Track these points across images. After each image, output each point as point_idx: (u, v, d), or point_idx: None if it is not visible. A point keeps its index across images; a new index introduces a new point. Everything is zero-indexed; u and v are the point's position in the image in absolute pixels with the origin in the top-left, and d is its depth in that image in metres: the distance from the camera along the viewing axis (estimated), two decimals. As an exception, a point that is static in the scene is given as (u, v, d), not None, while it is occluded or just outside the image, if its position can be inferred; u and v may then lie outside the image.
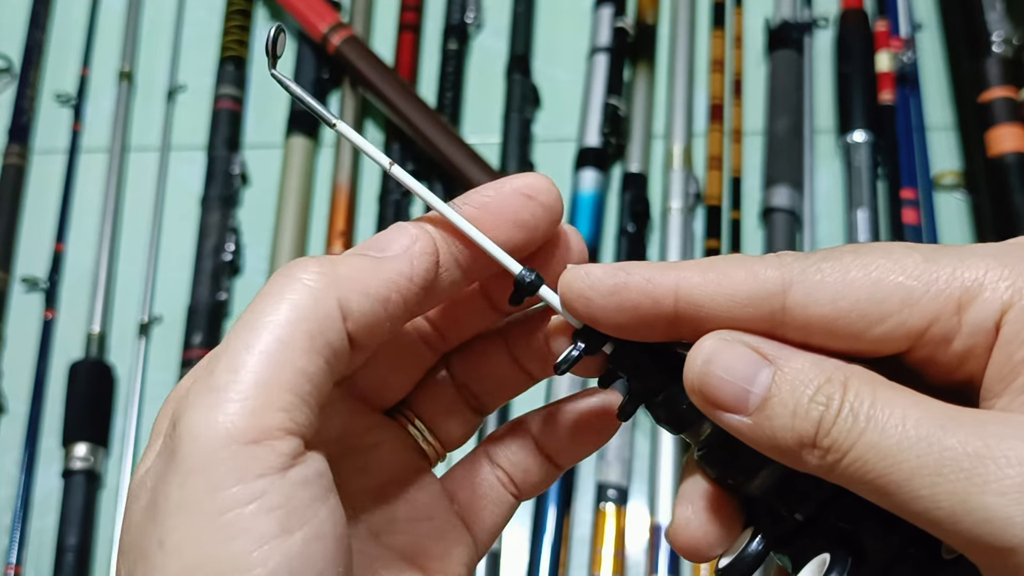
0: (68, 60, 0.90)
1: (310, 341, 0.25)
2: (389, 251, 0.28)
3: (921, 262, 0.25)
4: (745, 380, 0.25)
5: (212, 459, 0.24)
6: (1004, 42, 0.81)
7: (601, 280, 0.27)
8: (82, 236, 0.83)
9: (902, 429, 0.23)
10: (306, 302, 0.25)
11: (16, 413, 0.78)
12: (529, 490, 0.33)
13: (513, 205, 0.29)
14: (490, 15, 0.90)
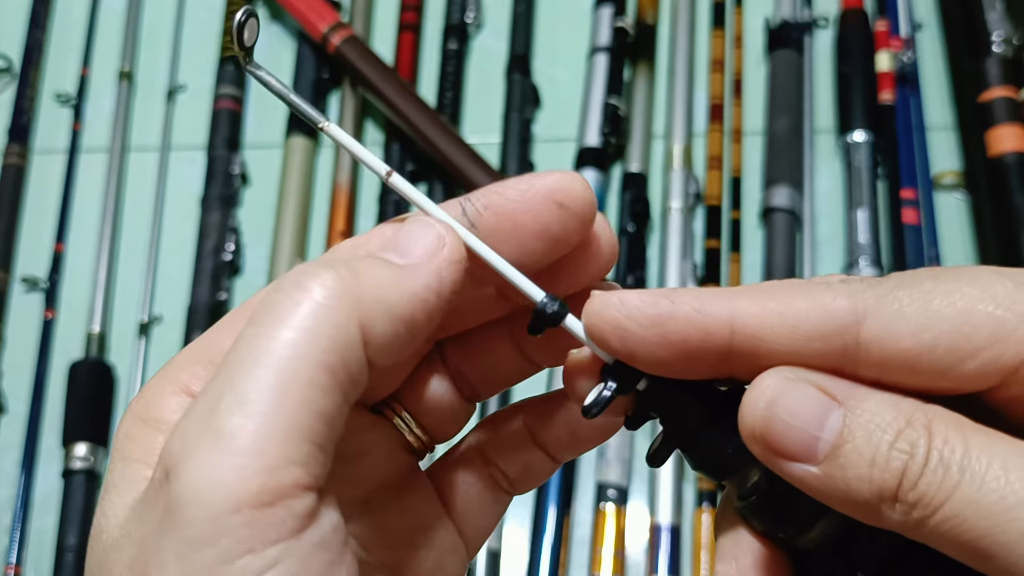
0: (68, 60, 0.90)
1: (331, 378, 0.22)
2: (412, 256, 0.24)
3: (1013, 290, 0.23)
4: (814, 425, 0.22)
5: (219, 527, 0.20)
6: (1004, 42, 0.81)
7: (640, 310, 0.23)
8: (82, 236, 0.83)
9: (1005, 482, 0.20)
10: (324, 328, 0.22)
11: (16, 413, 0.78)
12: (524, 486, 0.31)
13: (540, 214, 0.25)
14: (490, 15, 0.90)
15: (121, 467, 0.23)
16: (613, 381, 0.25)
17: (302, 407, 0.21)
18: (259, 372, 0.21)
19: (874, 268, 0.77)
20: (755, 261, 0.80)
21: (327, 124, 0.26)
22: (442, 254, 0.24)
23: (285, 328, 0.21)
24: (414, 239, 0.24)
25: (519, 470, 0.30)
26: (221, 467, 0.21)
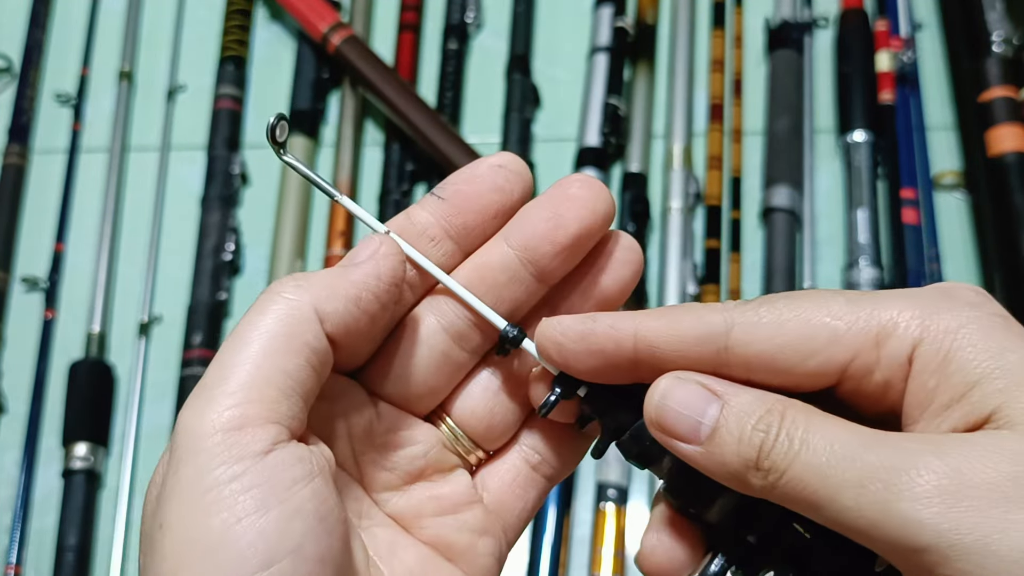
0: (68, 60, 0.90)
1: (289, 342, 0.28)
2: (358, 259, 0.30)
3: (844, 304, 0.28)
4: (697, 413, 0.28)
5: (199, 446, 0.27)
6: (1004, 42, 0.81)
7: (571, 327, 0.30)
8: (82, 236, 0.83)
9: (830, 449, 0.26)
10: (284, 311, 0.29)
11: (16, 413, 0.78)
12: (564, 469, 0.35)
13: (487, 175, 0.32)
14: (490, 15, 0.90)
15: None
16: (559, 388, 0.31)
17: (267, 364, 0.28)
18: (235, 345, 0.28)
19: (874, 268, 0.77)
20: (755, 261, 0.80)
21: (340, 197, 0.33)
22: (380, 250, 0.30)
23: (256, 316, 0.29)
24: (358, 250, 0.31)
25: (556, 454, 0.34)
26: (204, 406, 0.27)
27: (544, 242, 0.31)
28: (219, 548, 0.26)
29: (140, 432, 0.76)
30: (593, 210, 0.31)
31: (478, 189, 0.32)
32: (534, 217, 0.31)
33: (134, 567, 0.73)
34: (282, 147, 0.34)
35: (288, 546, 0.26)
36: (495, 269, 0.32)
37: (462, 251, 0.33)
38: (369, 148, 0.86)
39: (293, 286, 0.29)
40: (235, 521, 0.26)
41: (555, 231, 0.31)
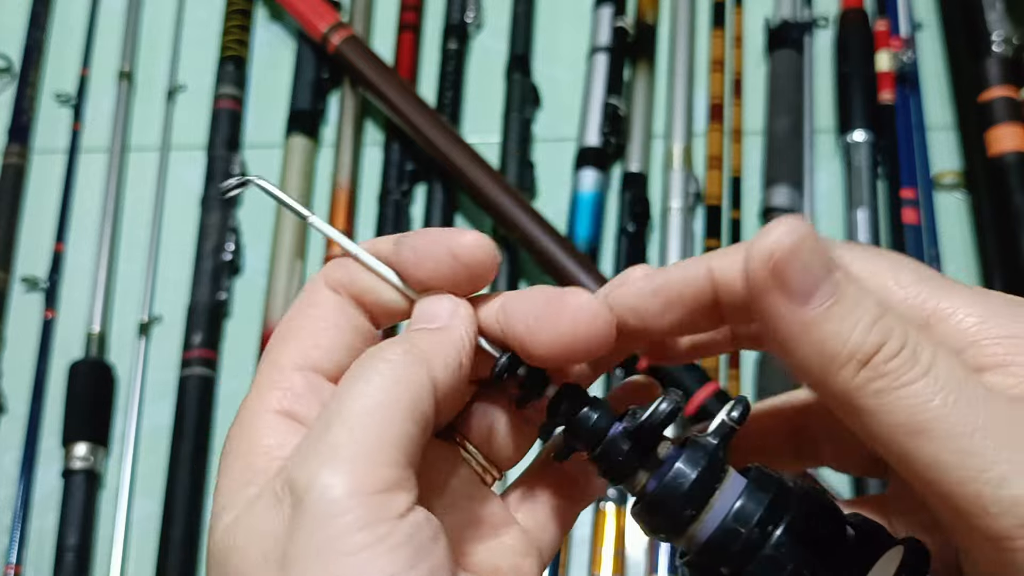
0: (68, 60, 0.90)
1: (411, 408, 0.27)
2: (439, 321, 0.30)
3: (911, 274, 0.28)
4: (818, 276, 0.25)
5: (341, 508, 0.26)
6: (1004, 42, 0.81)
7: (643, 286, 0.30)
8: (82, 236, 0.83)
9: (954, 397, 0.25)
10: (403, 375, 0.28)
11: (16, 413, 0.78)
12: (601, 486, 0.34)
13: (438, 259, 0.31)
14: (490, 15, 0.90)
15: (220, 515, 0.28)
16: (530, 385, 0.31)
17: (392, 426, 0.27)
18: (355, 405, 0.27)
19: (874, 268, 0.77)
20: (755, 261, 0.80)
21: (311, 217, 0.33)
22: (459, 311, 0.30)
23: (366, 380, 0.28)
24: (435, 310, 0.30)
25: (591, 472, 0.33)
26: (338, 468, 0.26)
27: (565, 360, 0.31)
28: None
29: (140, 432, 0.76)
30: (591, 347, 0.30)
31: (425, 266, 0.31)
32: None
33: (134, 567, 0.73)
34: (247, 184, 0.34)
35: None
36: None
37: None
38: (369, 148, 0.86)
39: (402, 350, 0.28)
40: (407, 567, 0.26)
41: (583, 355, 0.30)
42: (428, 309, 0.30)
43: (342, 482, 0.26)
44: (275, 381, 0.29)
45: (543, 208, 0.77)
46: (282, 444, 0.28)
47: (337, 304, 0.31)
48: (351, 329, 0.31)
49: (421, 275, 0.30)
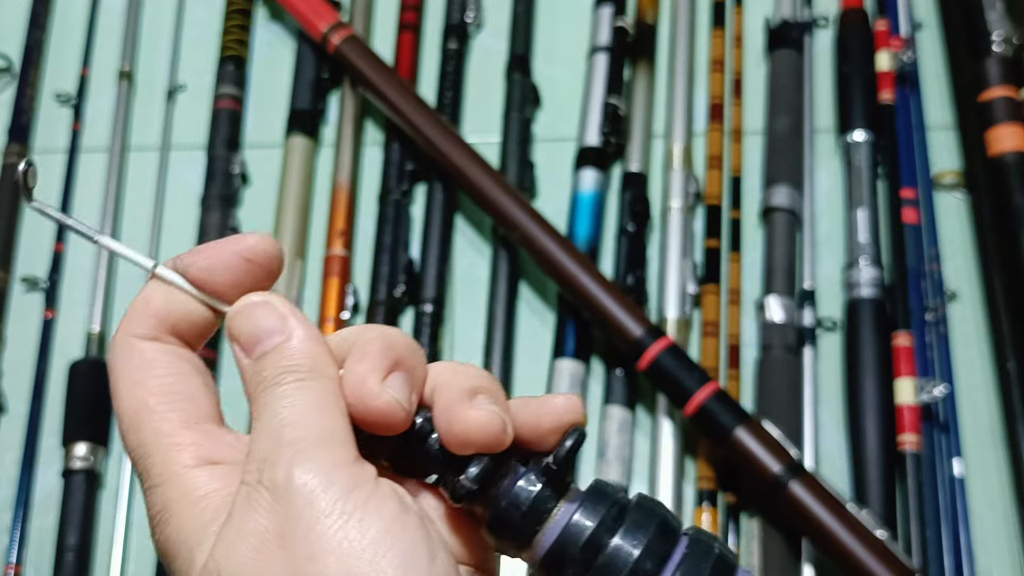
0: (68, 60, 0.90)
1: (336, 403, 0.30)
2: (278, 336, 0.31)
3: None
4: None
5: (324, 482, 0.28)
6: (1004, 42, 0.81)
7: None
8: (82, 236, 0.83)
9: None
10: (312, 381, 0.30)
11: (16, 413, 0.78)
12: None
13: (232, 268, 0.32)
14: (490, 14, 0.90)
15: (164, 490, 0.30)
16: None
17: (333, 420, 0.30)
18: (294, 411, 0.30)
19: (874, 267, 0.77)
20: (755, 260, 0.80)
21: (100, 236, 0.34)
22: (290, 320, 0.31)
23: (294, 390, 0.30)
24: (263, 325, 0.31)
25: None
26: (307, 457, 0.28)
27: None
28: (385, 550, 0.27)
29: (140, 432, 0.76)
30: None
31: (220, 278, 0.32)
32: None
33: (134, 567, 0.73)
34: (30, 193, 0.34)
35: (436, 542, 0.29)
36: None
37: None
38: (369, 148, 0.86)
39: (297, 365, 0.30)
40: (391, 523, 0.28)
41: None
42: (256, 327, 0.31)
43: (316, 466, 0.28)
44: (175, 445, 0.30)
45: (543, 208, 0.77)
46: (218, 488, 0.30)
47: (163, 351, 0.32)
48: (190, 367, 0.32)
49: (219, 286, 0.31)
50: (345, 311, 0.78)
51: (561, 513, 0.29)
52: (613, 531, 0.29)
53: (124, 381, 0.31)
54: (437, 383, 0.32)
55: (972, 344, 0.78)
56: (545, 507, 0.29)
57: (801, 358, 0.75)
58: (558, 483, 0.30)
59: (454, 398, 0.31)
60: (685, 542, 0.29)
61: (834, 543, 0.66)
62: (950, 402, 0.74)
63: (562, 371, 0.75)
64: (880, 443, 0.72)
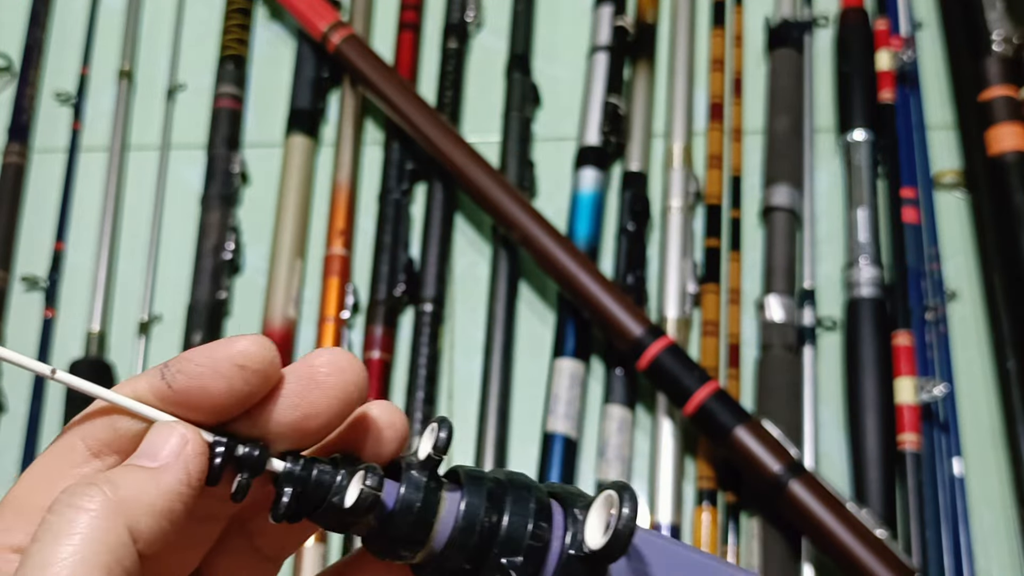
0: (68, 59, 0.90)
1: (108, 574, 0.25)
2: (160, 458, 0.27)
3: None
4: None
5: None
6: (1004, 41, 0.81)
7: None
8: (82, 235, 0.83)
9: None
10: (96, 535, 0.25)
11: (16, 412, 0.78)
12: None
13: (224, 374, 0.28)
14: (490, 14, 0.90)
15: None
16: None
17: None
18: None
19: (874, 267, 0.77)
20: (755, 260, 0.80)
21: (57, 372, 0.29)
22: (187, 450, 0.27)
23: (63, 542, 0.25)
24: (159, 444, 0.27)
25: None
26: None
27: (292, 431, 0.29)
28: None
29: (140, 431, 0.76)
30: (344, 400, 0.29)
31: (208, 392, 0.28)
32: (281, 405, 0.29)
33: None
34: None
35: None
36: None
37: None
38: (369, 147, 0.86)
39: (99, 500, 0.26)
40: None
41: (303, 421, 0.28)
42: (152, 442, 0.28)
43: None
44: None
45: (543, 207, 0.77)
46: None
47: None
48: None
49: (214, 400, 0.28)
50: (345, 310, 0.78)
51: (449, 503, 0.29)
52: (502, 500, 0.29)
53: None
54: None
55: (972, 344, 0.78)
56: (434, 499, 0.29)
57: (801, 357, 0.76)
58: (435, 476, 0.29)
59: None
60: (557, 503, 0.30)
61: (834, 543, 0.66)
62: (950, 402, 0.74)
63: (562, 370, 0.75)
64: (880, 442, 0.72)
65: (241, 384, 0.28)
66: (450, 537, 0.29)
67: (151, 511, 0.26)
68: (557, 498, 0.30)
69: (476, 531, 0.29)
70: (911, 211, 0.79)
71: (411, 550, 0.29)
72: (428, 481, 0.29)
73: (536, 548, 0.29)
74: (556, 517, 0.30)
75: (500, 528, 0.29)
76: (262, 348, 0.28)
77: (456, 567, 0.29)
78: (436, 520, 0.29)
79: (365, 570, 0.32)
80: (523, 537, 0.29)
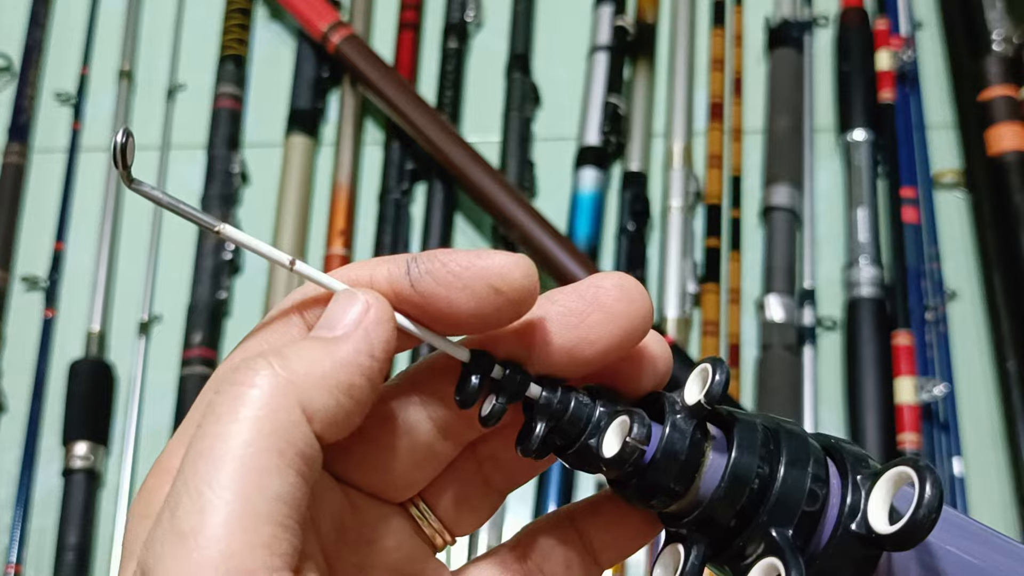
0: (68, 59, 0.90)
1: (280, 459, 0.23)
2: (340, 328, 0.24)
3: None
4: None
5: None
6: (1004, 40, 0.81)
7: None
8: (82, 235, 0.83)
9: None
10: (265, 414, 0.23)
11: (16, 412, 0.78)
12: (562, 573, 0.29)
13: (476, 293, 0.25)
14: (490, 13, 0.90)
15: (125, 565, 0.25)
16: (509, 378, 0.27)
17: (256, 494, 0.22)
18: (209, 468, 0.22)
19: (874, 266, 0.77)
20: (755, 259, 0.80)
21: (222, 227, 0.27)
22: (368, 317, 0.24)
23: (229, 423, 0.23)
24: (339, 313, 0.25)
25: (557, 570, 0.29)
26: (188, 565, 0.22)
27: (563, 355, 0.26)
28: None
29: (140, 431, 0.76)
30: (627, 330, 0.26)
31: (452, 306, 0.25)
32: (556, 323, 0.26)
33: (134, 566, 0.73)
34: (129, 173, 0.27)
35: None
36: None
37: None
38: (369, 147, 0.86)
39: (267, 372, 0.23)
40: None
41: (577, 346, 0.26)
42: (332, 311, 0.25)
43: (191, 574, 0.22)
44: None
45: (543, 207, 0.77)
46: None
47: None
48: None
49: (457, 318, 0.25)
50: (345, 310, 0.78)
51: (715, 455, 0.26)
52: (774, 468, 0.26)
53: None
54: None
55: (972, 343, 0.78)
56: (699, 452, 0.26)
57: (801, 357, 0.76)
58: (702, 424, 0.26)
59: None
60: (834, 465, 0.27)
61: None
62: (950, 401, 0.74)
63: (562, 370, 0.75)
64: (880, 442, 0.72)
65: (491, 310, 0.25)
66: (714, 494, 0.26)
67: (326, 384, 0.23)
68: (834, 457, 0.27)
69: (744, 491, 0.26)
70: (911, 211, 0.79)
71: (666, 501, 0.27)
72: (694, 430, 0.26)
73: (809, 517, 0.26)
74: (833, 482, 0.26)
75: (771, 491, 0.26)
76: (524, 275, 0.25)
77: (719, 524, 0.26)
78: (699, 474, 0.26)
79: (601, 513, 0.29)
80: (796, 504, 0.25)
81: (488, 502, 0.29)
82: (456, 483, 0.29)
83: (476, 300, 0.25)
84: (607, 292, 0.26)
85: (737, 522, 0.26)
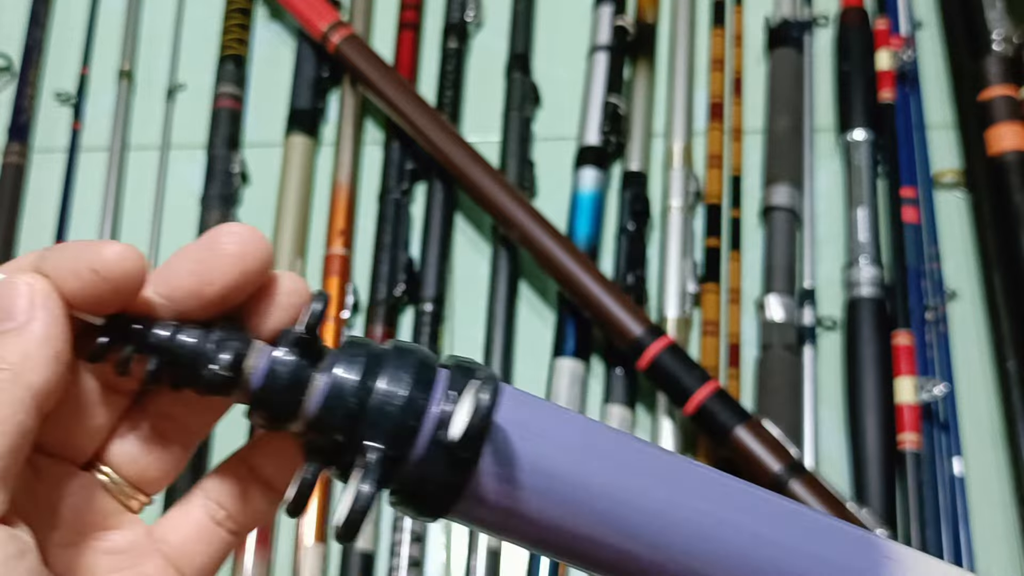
0: (68, 59, 0.90)
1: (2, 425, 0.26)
2: (16, 318, 0.27)
3: None
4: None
5: None
6: (1004, 40, 0.81)
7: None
8: (82, 236, 0.83)
9: None
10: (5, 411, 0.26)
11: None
12: (248, 522, 0.33)
13: (81, 277, 0.28)
14: (490, 13, 0.90)
15: None
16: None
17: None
18: None
19: (874, 266, 0.77)
20: (755, 260, 0.80)
21: None
22: (37, 300, 0.27)
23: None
24: (9, 301, 0.27)
25: (240, 506, 0.33)
26: None
27: (190, 297, 0.29)
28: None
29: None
30: (243, 270, 0.29)
31: (68, 287, 0.28)
32: (180, 270, 0.29)
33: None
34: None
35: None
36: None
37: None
38: (369, 147, 0.86)
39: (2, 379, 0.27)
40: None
41: (200, 287, 0.29)
42: (3, 305, 0.28)
43: None
44: None
45: (543, 207, 0.77)
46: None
47: None
48: None
49: (73, 297, 0.28)
50: (345, 310, 0.78)
51: (322, 374, 0.29)
52: (375, 377, 0.28)
53: None
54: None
55: (972, 343, 0.78)
56: (305, 375, 0.29)
57: (801, 357, 0.76)
58: (312, 350, 0.29)
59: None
60: (446, 372, 0.29)
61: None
62: (950, 401, 0.74)
63: (562, 370, 0.75)
64: (880, 442, 0.72)
65: (92, 289, 0.28)
66: (316, 412, 0.28)
67: (42, 361, 0.27)
68: (457, 371, 0.29)
69: (341, 408, 0.28)
70: (911, 211, 0.79)
71: (283, 424, 0.29)
72: (300, 354, 0.29)
73: (404, 429, 0.28)
74: (435, 393, 0.28)
75: (366, 406, 0.28)
76: (120, 259, 0.28)
77: (330, 442, 0.28)
78: (305, 396, 0.29)
79: (261, 444, 0.32)
80: (388, 419, 0.28)
81: (172, 457, 0.32)
82: (134, 442, 0.31)
83: (80, 282, 0.28)
84: (223, 237, 0.29)
85: (345, 438, 0.28)
